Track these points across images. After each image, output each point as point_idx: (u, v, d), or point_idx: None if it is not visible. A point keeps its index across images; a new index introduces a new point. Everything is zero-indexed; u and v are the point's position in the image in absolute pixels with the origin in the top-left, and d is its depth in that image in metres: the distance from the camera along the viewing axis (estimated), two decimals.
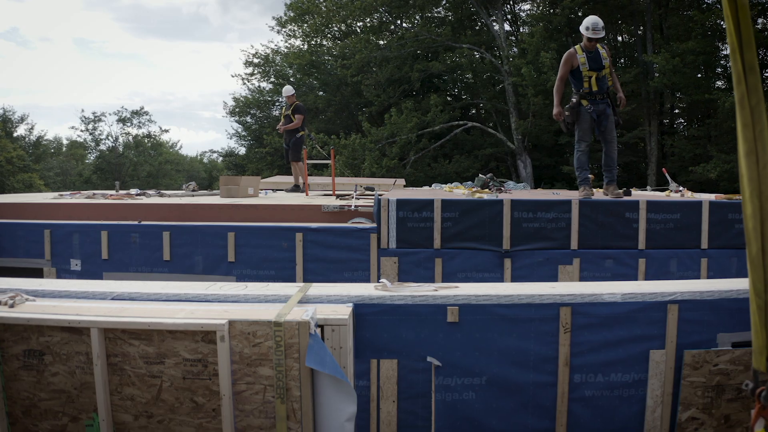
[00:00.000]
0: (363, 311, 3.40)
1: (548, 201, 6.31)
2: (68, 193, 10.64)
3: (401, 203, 6.20)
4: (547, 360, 3.54)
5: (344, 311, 3.16)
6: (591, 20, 6.71)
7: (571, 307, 3.48)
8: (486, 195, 6.91)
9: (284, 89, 12.00)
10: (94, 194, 9.52)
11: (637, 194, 7.56)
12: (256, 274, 6.28)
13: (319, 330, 2.99)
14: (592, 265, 6.15)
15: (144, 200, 8.28)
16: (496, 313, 3.47)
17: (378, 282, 3.77)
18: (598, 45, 6.80)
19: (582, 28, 6.72)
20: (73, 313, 3.02)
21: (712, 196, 7.44)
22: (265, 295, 3.38)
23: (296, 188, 11.44)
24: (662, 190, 9.59)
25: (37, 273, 6.49)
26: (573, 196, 7.01)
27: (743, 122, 1.71)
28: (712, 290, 3.65)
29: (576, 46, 6.86)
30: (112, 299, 3.42)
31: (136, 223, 6.69)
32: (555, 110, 6.88)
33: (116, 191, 10.89)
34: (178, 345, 2.90)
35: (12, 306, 3.16)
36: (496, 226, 6.16)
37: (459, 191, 8.46)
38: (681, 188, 9.05)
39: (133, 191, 10.57)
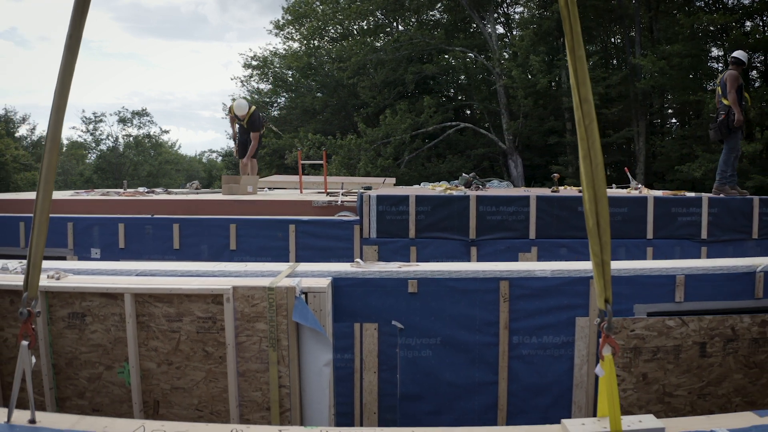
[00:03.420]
0: (340, 283, 4.11)
1: (509, 196, 7.05)
2: (83, 191, 11.36)
3: (381, 199, 6.91)
4: (490, 324, 4.22)
5: (324, 282, 3.90)
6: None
7: (509, 281, 4.19)
8: (455, 191, 7.70)
9: (237, 105, 10.45)
10: (107, 192, 10.30)
11: None
12: (255, 260, 6.93)
13: (303, 296, 3.76)
14: (549, 253, 6.83)
15: (155, 197, 8.95)
16: (447, 286, 4.18)
17: (354, 262, 4.57)
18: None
19: (744, 58, 8.13)
20: (110, 283, 3.77)
21: (659, 193, 8.23)
22: (261, 271, 4.11)
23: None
24: (626, 188, 10.39)
25: (61, 260, 7.23)
26: (540, 193, 7.79)
27: (580, 136, 2.48)
28: (628, 268, 4.33)
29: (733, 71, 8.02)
30: (137, 275, 4.13)
31: (149, 216, 7.32)
32: (741, 117, 7.79)
33: (124, 190, 11.57)
34: (193, 306, 3.67)
35: (58, 279, 3.94)
36: (464, 219, 6.88)
37: (440, 189, 9.23)
38: (639, 185, 9.83)
39: (141, 189, 11.29)
